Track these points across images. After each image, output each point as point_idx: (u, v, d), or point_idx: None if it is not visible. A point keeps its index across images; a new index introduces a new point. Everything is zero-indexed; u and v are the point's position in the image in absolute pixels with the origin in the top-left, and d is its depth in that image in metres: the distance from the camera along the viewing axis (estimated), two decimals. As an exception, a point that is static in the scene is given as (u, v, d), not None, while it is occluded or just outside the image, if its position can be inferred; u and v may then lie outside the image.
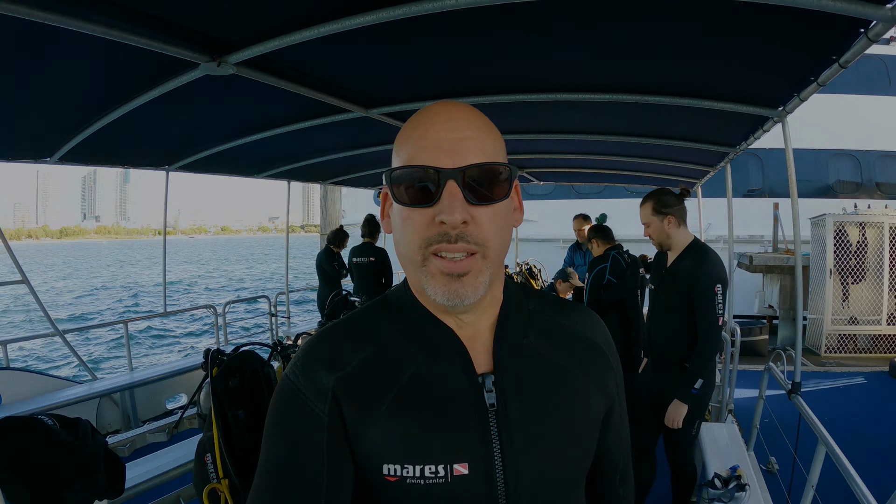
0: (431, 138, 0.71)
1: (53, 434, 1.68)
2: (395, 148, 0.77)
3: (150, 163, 4.46)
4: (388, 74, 2.78)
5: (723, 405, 4.32)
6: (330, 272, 6.32)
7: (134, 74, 2.36)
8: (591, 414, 0.81)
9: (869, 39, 1.68)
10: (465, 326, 0.78)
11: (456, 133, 0.70)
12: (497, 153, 0.74)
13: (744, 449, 3.23)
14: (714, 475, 2.72)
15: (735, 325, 4.67)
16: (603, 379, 0.84)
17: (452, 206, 0.67)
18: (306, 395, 0.73)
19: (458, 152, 0.70)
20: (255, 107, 3.15)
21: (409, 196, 0.71)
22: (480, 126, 0.73)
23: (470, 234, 0.69)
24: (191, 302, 28.21)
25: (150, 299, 30.39)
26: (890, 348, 8.00)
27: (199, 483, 1.99)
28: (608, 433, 0.86)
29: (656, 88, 2.80)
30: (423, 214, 0.70)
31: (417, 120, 0.75)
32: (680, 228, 2.84)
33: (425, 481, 0.69)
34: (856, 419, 5.47)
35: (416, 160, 0.71)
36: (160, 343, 17.41)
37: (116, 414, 4.97)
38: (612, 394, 0.86)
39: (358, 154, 4.74)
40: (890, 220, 8.01)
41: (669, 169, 5.40)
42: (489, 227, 0.70)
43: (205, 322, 19.85)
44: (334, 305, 4.39)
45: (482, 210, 0.70)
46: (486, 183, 0.70)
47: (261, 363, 2.30)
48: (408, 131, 0.75)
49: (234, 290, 35.54)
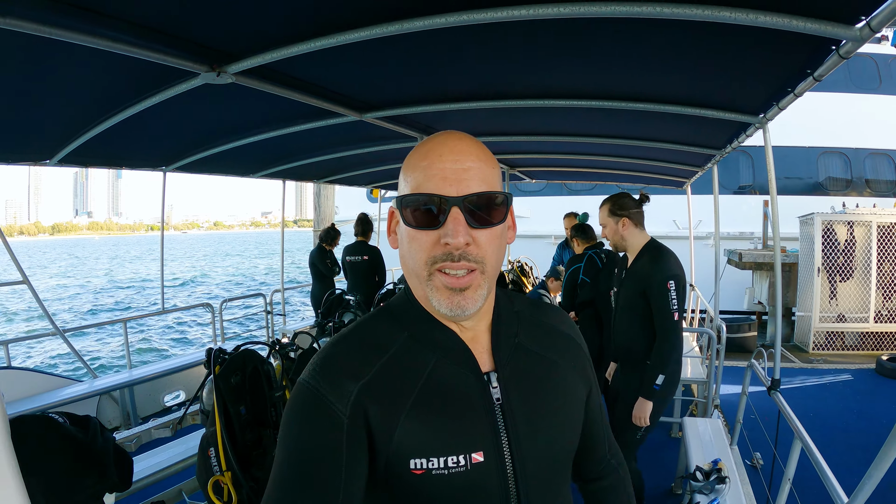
0: (437, 168, 0.80)
1: (66, 430, 1.76)
2: (402, 173, 0.85)
3: (147, 164, 4.51)
4: (382, 81, 2.86)
5: (709, 401, 4.41)
6: (323, 270, 6.40)
7: (135, 82, 2.43)
8: (577, 398, 0.95)
9: (840, 56, 1.78)
10: (466, 331, 0.88)
11: (459, 164, 0.80)
12: (496, 182, 0.84)
13: (727, 444, 3.32)
14: (696, 468, 2.81)
15: (721, 322, 4.77)
16: (583, 367, 0.98)
17: (457, 231, 0.77)
18: (327, 397, 0.78)
19: (462, 181, 0.79)
20: (251, 111, 3.21)
21: (417, 219, 0.80)
22: (481, 157, 0.82)
23: (471, 253, 0.79)
24: (188, 299, 28.18)
25: (147, 297, 30.32)
26: (877, 346, 8.13)
27: (203, 476, 2.07)
28: (590, 411, 0.99)
29: (646, 97, 2.90)
30: (430, 236, 0.79)
31: (423, 151, 0.83)
32: (636, 230, 2.88)
33: (448, 471, 0.78)
34: (842, 416, 5.57)
35: (423, 188, 0.80)
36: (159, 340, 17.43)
37: (116, 411, 5.03)
38: (590, 378, 1.00)
39: (352, 154, 4.81)
40: (878, 219, 8.12)
41: (659, 169, 5.51)
42: (488, 247, 0.80)
43: (203, 320, 19.88)
44: (330, 303, 4.48)
45: (482, 232, 0.80)
46: (486, 208, 0.80)
47: (261, 361, 2.38)
48: (415, 160, 0.83)
49: (230, 286, 35.50)
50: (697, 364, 5.24)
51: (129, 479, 1.97)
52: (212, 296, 29.50)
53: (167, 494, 2.61)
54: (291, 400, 0.81)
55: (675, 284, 2.65)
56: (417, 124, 3.85)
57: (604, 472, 1.09)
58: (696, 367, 5.13)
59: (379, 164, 5.79)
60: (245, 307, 15.10)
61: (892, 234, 8.07)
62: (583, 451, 1.00)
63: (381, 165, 5.83)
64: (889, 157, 12.40)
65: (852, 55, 1.77)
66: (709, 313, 6.29)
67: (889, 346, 8.08)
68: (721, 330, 4.58)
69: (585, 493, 1.11)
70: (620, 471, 1.11)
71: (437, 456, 0.78)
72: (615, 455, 1.11)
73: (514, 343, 0.91)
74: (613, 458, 1.10)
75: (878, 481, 1.49)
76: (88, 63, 2.15)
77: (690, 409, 5.23)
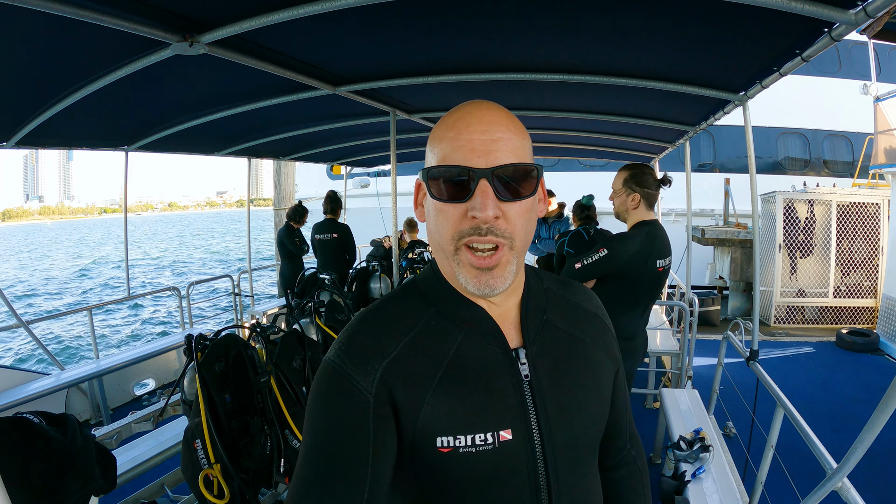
0: (465, 139, 0.76)
1: (43, 432, 1.63)
2: (429, 145, 0.82)
3: (109, 144, 4.31)
4: (358, 53, 2.77)
5: (682, 372, 4.52)
6: (292, 248, 6.31)
7: (100, 55, 2.27)
8: (606, 378, 0.92)
9: (832, 38, 1.79)
10: (494, 307, 0.85)
11: (488, 135, 0.76)
12: (526, 153, 0.80)
13: (705, 413, 3.40)
14: (679, 437, 2.87)
15: (693, 295, 4.89)
16: (611, 347, 0.96)
17: (485, 204, 0.74)
18: (353, 376, 0.76)
19: (491, 153, 0.75)
20: (221, 85, 3.09)
21: (443, 192, 0.77)
22: (510, 128, 0.78)
23: (499, 227, 0.76)
24: (152, 283, 27.33)
25: (110, 282, 29.29)
26: (836, 320, 8.50)
27: (190, 470, 1.98)
28: (617, 394, 0.97)
29: (625, 71, 2.87)
30: (457, 209, 0.76)
31: (451, 121, 0.79)
32: (643, 209, 2.73)
33: (476, 449, 0.76)
34: (806, 386, 5.83)
35: (450, 159, 0.76)
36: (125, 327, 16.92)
37: (85, 403, 4.86)
38: (618, 359, 0.97)
39: (321, 130, 4.72)
40: (837, 199, 8.42)
41: (628, 144, 5.54)
42: (517, 220, 0.77)
43: (168, 304, 19.34)
44: (304, 283, 4.38)
45: (511, 206, 0.77)
46: (516, 181, 0.77)
47: (244, 346, 2.29)
48: (442, 131, 0.79)
49: (195, 268, 34.63)
50: (669, 336, 5.36)
51: (114, 480, 1.87)
52: (178, 276, 28.77)
53: (149, 490, 2.51)
54: (317, 379, 0.79)
55: (605, 253, 2.58)
56: (391, 99, 3.79)
57: (623, 461, 1.07)
58: (668, 340, 5.24)
59: (347, 140, 5.69)
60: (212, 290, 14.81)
61: (850, 213, 8.39)
62: (605, 435, 0.96)
63: (350, 141, 5.74)
64: (847, 138, 12.86)
65: (843, 38, 1.78)
66: (678, 287, 6.44)
67: (847, 321, 8.48)
68: (693, 303, 4.70)
69: (602, 481, 1.06)
70: (639, 462, 1.09)
71: (465, 434, 0.76)
72: (635, 445, 1.09)
73: (543, 320, 0.89)
74: (633, 449, 1.08)
75: (867, 446, 1.54)
76: (47, 34, 1.99)
77: (663, 381, 5.37)
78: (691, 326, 4.55)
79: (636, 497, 1.07)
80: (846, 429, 4.60)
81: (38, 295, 25.98)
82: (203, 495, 1.92)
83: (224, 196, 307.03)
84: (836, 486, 1.72)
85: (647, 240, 2.62)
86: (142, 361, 4.96)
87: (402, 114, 4.14)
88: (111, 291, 25.88)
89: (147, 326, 17.04)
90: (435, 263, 0.88)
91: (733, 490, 2.50)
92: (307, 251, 6.40)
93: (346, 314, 3.13)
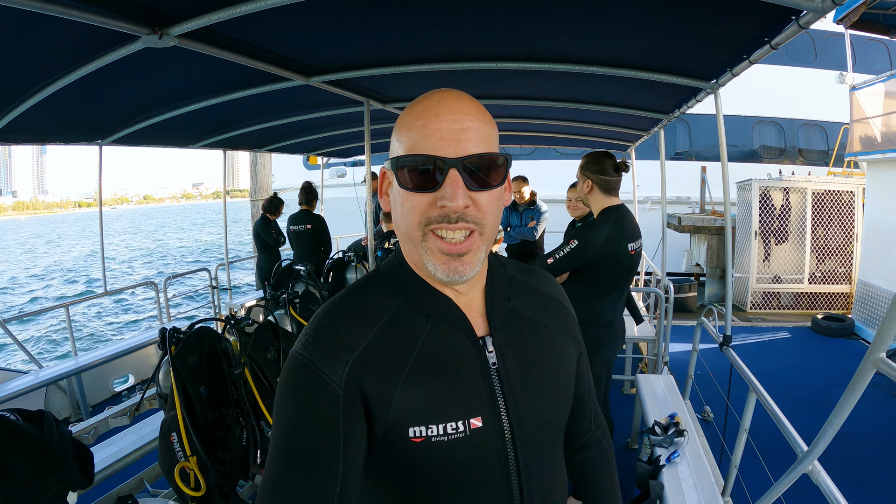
0: (434, 128, 0.76)
1: (19, 429, 1.62)
2: (395, 133, 0.81)
3: (83, 138, 4.23)
4: (330, 43, 2.75)
5: (658, 358, 4.59)
6: (268, 240, 6.29)
7: (70, 49, 2.23)
8: (570, 362, 0.95)
9: (800, 26, 1.81)
10: (460, 296, 0.86)
11: (457, 124, 0.76)
12: (493, 142, 0.80)
13: (680, 398, 3.45)
14: (654, 422, 2.92)
15: (668, 282, 4.96)
16: (573, 331, 0.98)
17: (455, 194, 0.74)
18: (321, 369, 0.76)
19: (460, 142, 0.76)
20: (193, 77, 3.05)
21: (412, 181, 0.77)
22: (479, 117, 0.79)
23: (469, 214, 0.76)
24: (130, 279, 26.88)
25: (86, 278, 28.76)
26: (811, 305, 8.70)
27: (167, 463, 1.98)
28: (580, 376, 0.99)
29: (597, 59, 2.88)
30: (426, 198, 0.76)
31: (419, 109, 0.79)
32: (600, 195, 2.75)
33: (448, 437, 0.77)
34: (783, 371, 5.96)
35: (419, 148, 0.76)
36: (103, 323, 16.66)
37: (65, 401, 4.79)
38: (580, 342, 1.00)
39: (296, 121, 4.69)
40: (813, 187, 8.59)
41: (604, 133, 5.55)
42: (487, 209, 0.78)
43: (145, 298, 19.06)
44: (280, 274, 4.36)
45: (481, 195, 0.77)
46: (485, 170, 0.77)
47: (217, 338, 2.28)
48: (409, 119, 0.79)
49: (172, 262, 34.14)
50: (645, 323, 5.40)
51: (92, 475, 1.86)
52: (155, 270, 28.33)
53: (128, 485, 2.49)
54: (285, 372, 0.79)
55: (576, 244, 2.60)
56: (364, 89, 3.77)
57: (588, 442, 1.09)
58: (644, 326, 5.28)
59: (322, 131, 5.65)
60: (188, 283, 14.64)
61: (825, 201, 8.57)
62: (570, 417, 0.98)
63: (325, 131, 5.69)
64: (821, 128, 13.08)
65: (811, 26, 1.81)
66: (654, 274, 6.52)
67: (822, 306, 8.67)
68: (669, 289, 4.76)
69: (569, 463, 1.09)
70: (605, 442, 1.11)
71: (436, 423, 0.77)
72: (600, 427, 1.11)
73: (508, 307, 0.90)
74: (598, 430, 1.11)
75: (836, 430, 1.58)
76: (17, 27, 1.95)
77: (640, 367, 5.46)
78: (667, 313, 4.61)
79: (604, 476, 1.10)
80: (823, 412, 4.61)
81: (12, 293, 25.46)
82: (180, 488, 1.92)
83: (200, 188, 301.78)
84: (807, 469, 1.75)
85: (615, 225, 2.65)
86: (120, 357, 4.90)
87: (376, 104, 4.12)
88: (89, 286, 25.44)
89: (125, 321, 16.82)
90: (400, 252, 0.88)
91: (707, 473, 2.55)
92: (283, 242, 6.38)
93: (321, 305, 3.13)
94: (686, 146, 13.22)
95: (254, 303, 6.97)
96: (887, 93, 7.14)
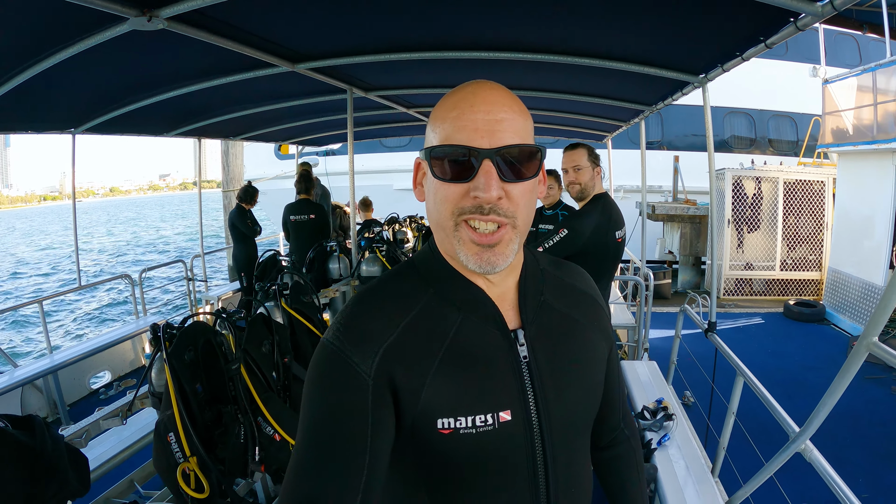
0: (468, 119, 0.75)
1: (11, 437, 1.53)
2: (430, 125, 0.81)
3: (56, 126, 4.07)
4: (318, 30, 2.71)
5: (639, 344, 4.66)
6: (244, 230, 6.16)
7: (51, 31, 2.14)
8: (600, 358, 0.94)
9: (797, 28, 1.84)
10: (493, 287, 0.85)
11: (492, 115, 0.75)
12: (528, 134, 0.79)
13: (664, 383, 3.52)
14: (643, 407, 2.99)
15: (648, 270, 5.04)
16: (604, 326, 0.97)
17: (489, 185, 0.73)
18: (352, 358, 0.75)
19: (494, 133, 0.74)
20: (177, 63, 2.96)
21: (446, 172, 0.76)
22: (514, 108, 0.77)
23: (502, 207, 0.75)
24: (103, 273, 26.08)
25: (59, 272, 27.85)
26: (783, 292, 8.97)
27: (164, 465, 1.91)
28: (610, 373, 0.99)
29: (587, 51, 2.90)
30: (459, 188, 0.76)
31: (453, 101, 0.78)
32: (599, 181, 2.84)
33: (477, 430, 0.77)
34: (758, 355, 6.14)
35: (453, 139, 0.75)
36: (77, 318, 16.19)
37: (42, 400, 4.65)
38: (611, 337, 0.99)
39: (274, 109, 4.61)
40: (784, 176, 8.83)
41: (583, 122, 5.61)
42: (520, 200, 0.77)
43: (121, 291, 18.55)
44: (264, 266, 4.28)
45: (514, 186, 0.76)
46: (519, 162, 0.76)
47: (213, 333, 2.21)
48: (443, 111, 0.78)
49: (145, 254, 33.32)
50: (624, 310, 5.52)
51: (88, 481, 1.78)
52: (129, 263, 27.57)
53: (118, 488, 2.41)
54: (315, 360, 0.78)
55: (566, 233, 2.63)
56: (348, 76, 3.73)
57: (616, 439, 1.09)
58: (624, 313, 5.38)
59: (300, 119, 5.56)
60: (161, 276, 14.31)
61: (796, 190, 8.82)
62: (599, 414, 0.96)
63: (303, 119, 5.60)
64: (791, 119, 13.42)
65: (808, 28, 1.84)
66: (633, 262, 6.62)
67: (794, 292, 8.95)
68: (649, 277, 4.84)
69: (596, 460, 1.09)
70: (633, 441, 1.11)
71: (465, 415, 0.76)
72: (629, 425, 1.11)
73: (540, 301, 0.89)
74: (627, 428, 1.10)
75: (829, 410, 1.63)
76: None
77: (620, 354, 5.54)
78: (647, 300, 4.68)
79: (630, 474, 1.10)
80: (798, 394, 4.89)
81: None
82: (182, 491, 1.87)
83: (167, 179, 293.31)
84: (800, 448, 1.81)
85: (603, 213, 2.69)
86: (96, 353, 4.75)
87: (359, 91, 4.07)
88: (61, 282, 24.66)
89: (100, 317, 16.37)
90: (433, 242, 0.87)
91: (697, 456, 2.63)
92: (259, 232, 6.29)
93: (310, 296, 3.07)
94: (658, 136, 13.45)
95: (230, 294, 6.86)
96: (859, 87, 7.35)
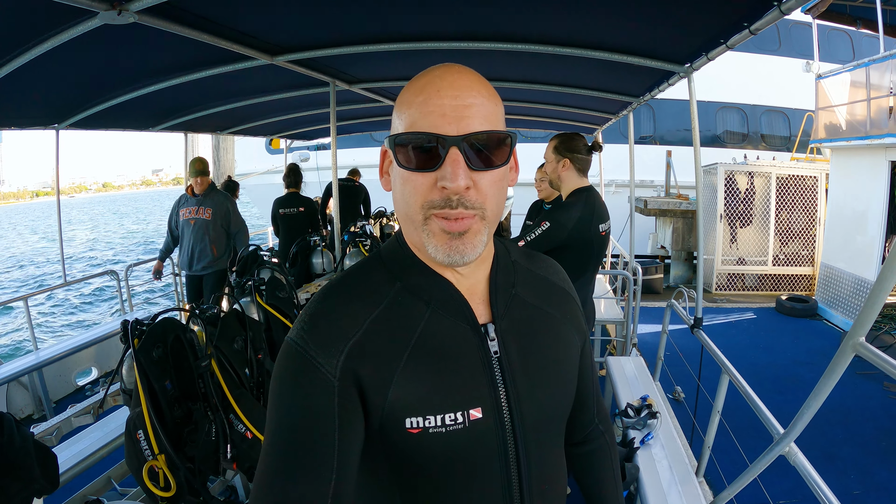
0: (435, 104, 0.71)
1: None
2: (396, 111, 0.76)
3: (38, 122, 4.04)
4: (295, 22, 2.67)
5: (627, 340, 4.62)
6: None
7: (22, 27, 2.11)
8: (574, 352, 0.91)
9: (781, 12, 1.81)
10: (463, 280, 0.81)
11: (459, 100, 0.71)
12: (499, 120, 0.75)
13: (651, 379, 3.48)
14: (627, 405, 2.95)
15: (637, 264, 5.01)
16: (577, 320, 0.94)
17: (455, 173, 0.69)
18: (315, 358, 0.72)
19: (462, 119, 0.71)
20: (154, 56, 2.92)
21: (411, 160, 0.72)
22: (483, 93, 0.73)
23: (470, 198, 0.71)
24: (89, 268, 25.91)
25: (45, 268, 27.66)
26: (775, 286, 8.96)
27: (135, 462, 1.88)
28: (583, 368, 0.96)
29: (571, 41, 2.86)
30: (426, 178, 0.72)
31: (419, 85, 0.74)
32: (574, 174, 2.73)
33: (446, 429, 0.74)
34: (749, 351, 6.13)
35: (418, 126, 0.71)
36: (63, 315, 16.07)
37: (27, 398, 4.60)
38: (584, 331, 0.96)
39: (259, 102, 4.56)
40: (777, 171, 8.81)
41: (572, 115, 5.56)
42: (489, 190, 0.73)
43: (106, 287, 18.39)
44: (244, 260, 4.24)
45: (483, 175, 0.72)
46: (488, 149, 0.72)
47: (182, 329, 2.17)
48: (409, 95, 0.74)
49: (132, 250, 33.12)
50: (613, 305, 5.45)
51: (57, 478, 1.75)
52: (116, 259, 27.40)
53: (95, 485, 2.38)
54: (279, 360, 0.75)
55: (548, 226, 2.59)
56: (330, 69, 3.68)
57: (591, 435, 1.06)
58: (612, 308, 5.32)
59: (287, 113, 5.52)
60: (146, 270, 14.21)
61: (789, 186, 8.80)
62: (573, 409, 0.94)
63: (290, 113, 5.56)
64: (784, 114, 13.40)
65: (792, 12, 1.80)
66: (622, 256, 6.59)
67: (786, 287, 8.94)
68: (637, 272, 4.81)
69: (571, 456, 1.07)
70: (607, 436, 1.08)
71: (434, 414, 0.73)
72: (603, 420, 1.08)
73: (512, 294, 0.85)
74: (601, 423, 1.08)
75: (814, 412, 1.59)
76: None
77: (608, 349, 5.51)
78: (635, 295, 4.65)
79: (606, 470, 1.07)
80: (789, 390, 4.88)
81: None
82: (149, 489, 1.84)
83: (160, 174, 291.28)
84: (784, 451, 1.77)
85: (586, 206, 2.64)
86: (82, 350, 4.71)
87: (343, 84, 4.03)
88: (47, 278, 24.50)
89: (86, 313, 16.26)
90: (401, 235, 0.84)
91: (682, 455, 2.59)
92: None
93: (288, 291, 3.02)
94: (650, 130, 13.41)
95: (225, 292, 6.77)
96: (853, 82, 7.32)
